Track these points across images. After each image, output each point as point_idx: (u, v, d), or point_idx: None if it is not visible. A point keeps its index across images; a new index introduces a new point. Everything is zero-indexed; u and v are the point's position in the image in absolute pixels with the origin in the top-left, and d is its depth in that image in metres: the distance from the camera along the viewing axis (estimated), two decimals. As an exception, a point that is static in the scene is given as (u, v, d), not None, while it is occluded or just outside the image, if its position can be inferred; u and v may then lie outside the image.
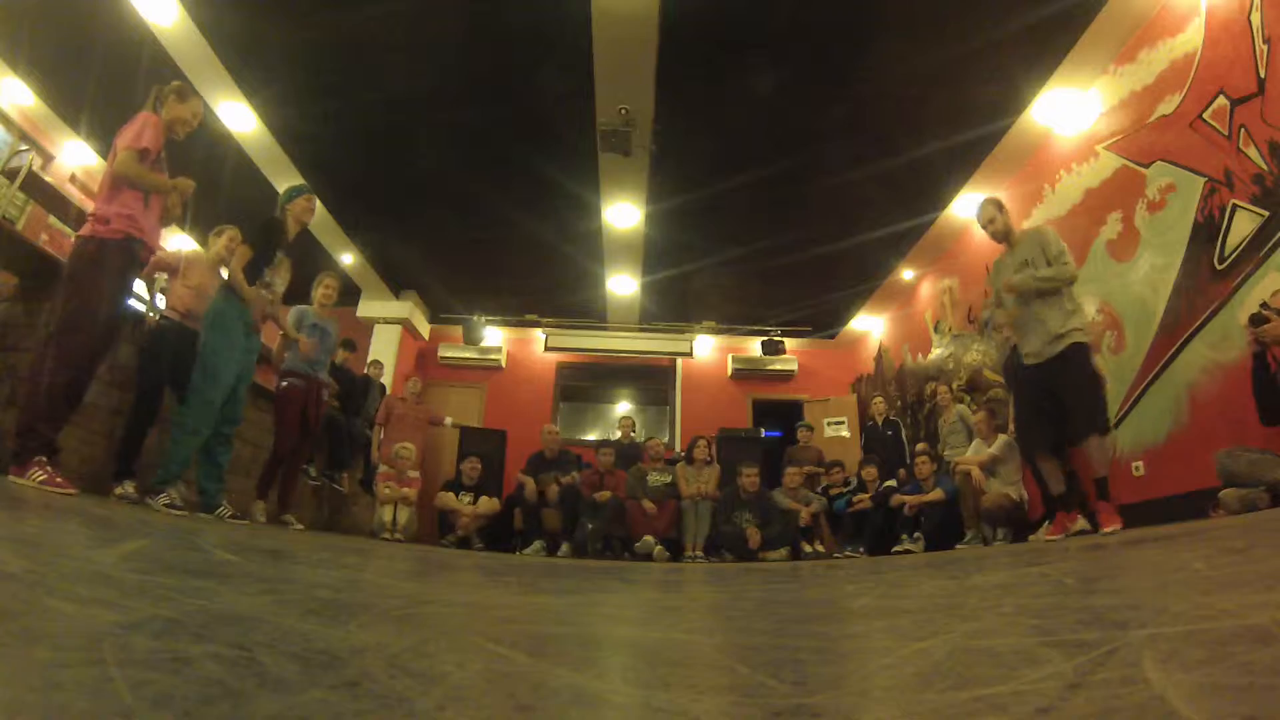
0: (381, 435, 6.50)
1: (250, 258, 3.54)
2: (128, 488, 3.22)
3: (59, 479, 2.52)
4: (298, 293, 4.59)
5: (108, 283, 2.63)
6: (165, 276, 4.02)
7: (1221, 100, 3.98)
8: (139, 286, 6.63)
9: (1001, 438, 5.12)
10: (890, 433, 7.09)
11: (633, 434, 7.52)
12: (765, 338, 9.53)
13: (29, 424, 2.58)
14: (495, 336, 9.94)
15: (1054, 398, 3.52)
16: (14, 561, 0.98)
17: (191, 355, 3.42)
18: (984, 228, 3.92)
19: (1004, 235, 3.84)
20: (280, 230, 3.72)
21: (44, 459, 2.55)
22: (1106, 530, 3.27)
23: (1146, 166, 4.57)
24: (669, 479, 6.22)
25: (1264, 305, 3.34)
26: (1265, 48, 3.69)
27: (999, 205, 3.86)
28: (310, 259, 5.91)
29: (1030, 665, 0.70)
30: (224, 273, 3.71)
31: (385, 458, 6.15)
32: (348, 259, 8.22)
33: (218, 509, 3.40)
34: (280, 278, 3.75)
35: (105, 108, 5.90)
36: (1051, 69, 5.00)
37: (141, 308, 4.28)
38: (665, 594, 2.08)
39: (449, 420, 7.40)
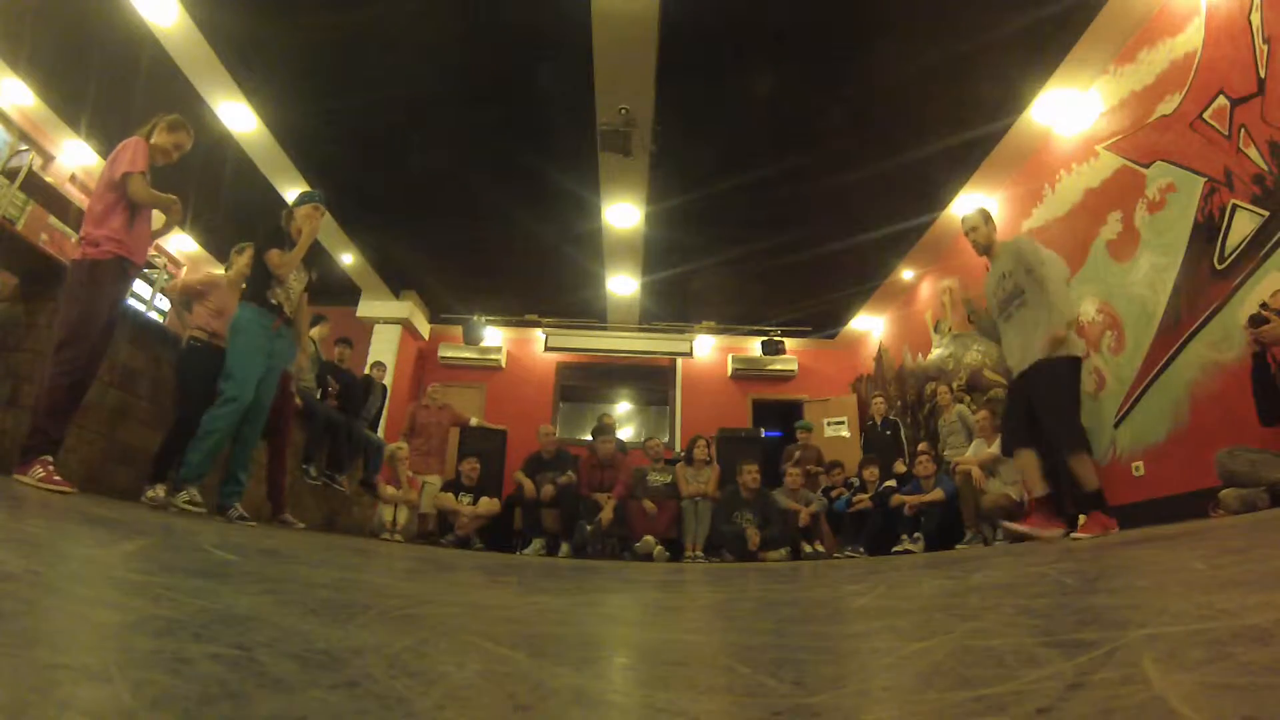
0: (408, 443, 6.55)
1: (255, 260, 3.68)
2: (159, 490, 3.26)
3: (56, 477, 2.57)
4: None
5: (102, 298, 2.96)
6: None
7: (1221, 100, 3.98)
8: (159, 300, 6.91)
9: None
10: (890, 433, 7.09)
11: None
12: (765, 338, 9.54)
13: (38, 424, 2.70)
14: (495, 336, 9.94)
15: (1030, 405, 3.48)
16: (14, 561, 0.98)
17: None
18: (965, 235, 3.83)
19: (985, 248, 3.73)
20: (282, 232, 3.77)
21: (49, 457, 2.64)
22: (1079, 535, 3.19)
23: (1146, 166, 4.57)
24: (669, 479, 6.22)
25: (1264, 305, 3.34)
26: (1265, 48, 3.69)
27: (986, 217, 3.75)
28: (310, 259, 5.85)
29: (1030, 665, 0.70)
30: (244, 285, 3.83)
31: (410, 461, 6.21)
32: (348, 259, 8.22)
33: (229, 510, 3.43)
34: (295, 277, 3.79)
35: (105, 108, 5.91)
36: (1051, 69, 5.01)
37: (153, 315, 4.31)
38: (665, 594, 2.08)
39: (474, 420, 7.39)
